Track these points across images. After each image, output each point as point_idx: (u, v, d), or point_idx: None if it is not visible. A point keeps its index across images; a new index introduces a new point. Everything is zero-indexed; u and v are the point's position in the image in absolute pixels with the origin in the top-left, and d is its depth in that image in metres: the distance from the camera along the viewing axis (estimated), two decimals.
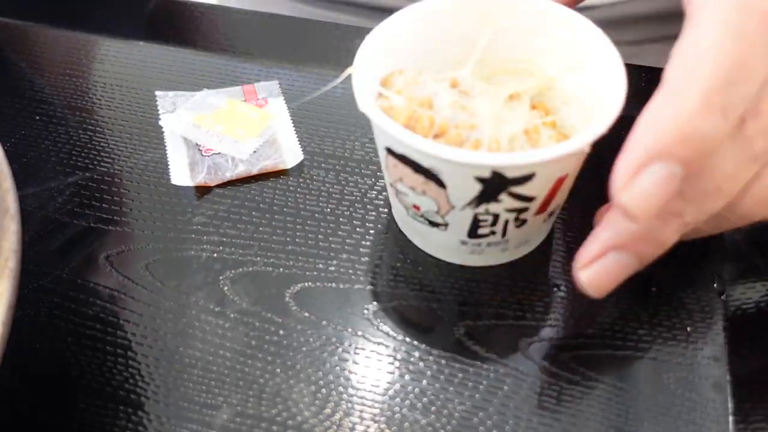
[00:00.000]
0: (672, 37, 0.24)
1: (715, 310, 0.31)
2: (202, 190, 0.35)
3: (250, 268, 0.32)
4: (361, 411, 0.28)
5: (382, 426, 0.28)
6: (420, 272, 0.32)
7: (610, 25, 0.30)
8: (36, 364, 0.29)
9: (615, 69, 0.27)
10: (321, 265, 0.32)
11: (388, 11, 0.29)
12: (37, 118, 0.39)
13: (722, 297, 0.31)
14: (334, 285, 0.32)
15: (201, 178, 0.35)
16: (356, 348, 0.30)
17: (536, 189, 0.26)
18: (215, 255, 0.33)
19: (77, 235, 0.34)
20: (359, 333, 0.30)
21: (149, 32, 0.43)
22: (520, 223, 0.28)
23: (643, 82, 0.39)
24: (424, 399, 0.28)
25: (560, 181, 0.27)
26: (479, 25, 0.30)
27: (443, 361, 0.29)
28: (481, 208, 0.27)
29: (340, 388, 0.29)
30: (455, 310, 0.31)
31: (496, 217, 0.28)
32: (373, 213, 0.34)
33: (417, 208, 0.29)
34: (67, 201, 0.35)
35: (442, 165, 0.25)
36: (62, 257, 0.33)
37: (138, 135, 0.38)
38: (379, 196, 0.35)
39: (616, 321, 0.30)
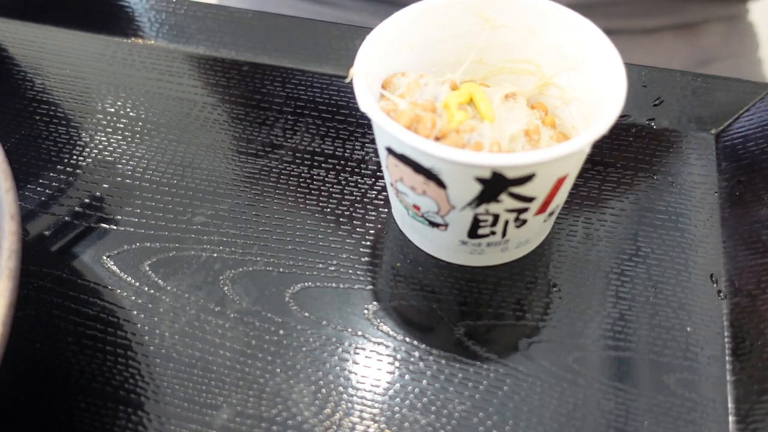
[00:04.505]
0: (678, 26, 0.23)
1: (715, 310, 0.31)
2: (203, 190, 0.35)
3: (250, 268, 0.32)
4: (361, 411, 0.28)
5: (382, 426, 0.28)
6: (420, 272, 0.32)
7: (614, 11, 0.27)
8: (36, 364, 0.29)
9: (615, 69, 0.27)
10: (321, 265, 0.32)
11: (387, 4, 0.29)
12: (37, 118, 0.39)
13: (722, 297, 0.31)
14: (334, 285, 0.32)
15: None
16: (356, 348, 0.30)
17: (536, 189, 0.26)
18: (215, 255, 0.33)
19: (77, 235, 0.34)
20: (359, 333, 0.30)
21: (149, 32, 0.43)
22: (520, 223, 0.28)
23: (643, 82, 0.39)
24: (424, 399, 0.28)
25: (560, 182, 0.27)
26: (478, 25, 0.30)
27: (443, 361, 0.29)
28: (481, 209, 0.27)
29: (340, 388, 0.29)
30: (455, 310, 0.31)
31: (496, 217, 0.28)
32: (373, 213, 0.34)
33: (417, 208, 0.29)
34: (67, 201, 0.35)
35: (442, 165, 0.25)
36: (62, 257, 0.33)
37: (138, 135, 0.38)
38: (379, 196, 0.35)
39: (616, 321, 0.30)
